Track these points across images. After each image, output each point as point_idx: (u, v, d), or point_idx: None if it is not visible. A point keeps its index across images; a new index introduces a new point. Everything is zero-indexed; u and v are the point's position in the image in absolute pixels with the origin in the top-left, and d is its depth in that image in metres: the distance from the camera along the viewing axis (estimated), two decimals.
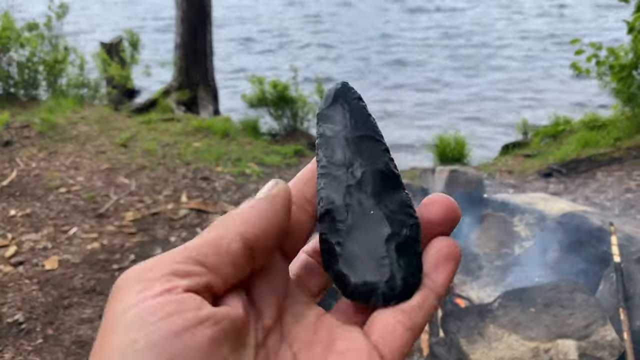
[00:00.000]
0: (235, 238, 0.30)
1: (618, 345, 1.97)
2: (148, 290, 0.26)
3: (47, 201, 3.89)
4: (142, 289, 0.26)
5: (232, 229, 0.30)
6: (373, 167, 0.35)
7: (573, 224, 2.52)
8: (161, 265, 0.28)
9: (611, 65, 4.54)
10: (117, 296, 0.27)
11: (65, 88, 6.18)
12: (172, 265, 0.28)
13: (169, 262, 0.28)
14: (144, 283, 0.27)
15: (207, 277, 0.28)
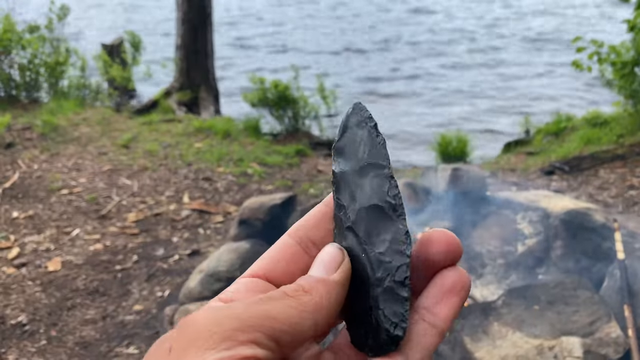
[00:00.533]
0: (312, 326, 0.30)
1: (623, 342, 1.96)
2: (233, 349, 0.26)
3: (50, 203, 3.90)
4: (229, 346, 0.27)
5: (310, 315, 0.30)
6: (369, 202, 0.34)
7: (576, 221, 2.51)
8: (248, 327, 0.28)
9: (613, 62, 4.53)
10: (200, 343, 0.27)
11: (66, 90, 6.19)
12: (257, 333, 0.28)
13: (255, 327, 0.28)
14: (230, 342, 0.27)
15: (275, 355, 0.28)
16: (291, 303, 0.29)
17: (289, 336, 0.29)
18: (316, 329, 0.30)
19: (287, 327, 0.29)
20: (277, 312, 0.29)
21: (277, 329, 0.28)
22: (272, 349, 0.28)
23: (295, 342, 0.29)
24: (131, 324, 2.70)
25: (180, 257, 3.25)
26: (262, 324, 0.28)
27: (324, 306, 0.30)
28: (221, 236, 3.47)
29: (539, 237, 2.61)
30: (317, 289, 0.31)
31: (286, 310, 0.29)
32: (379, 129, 0.36)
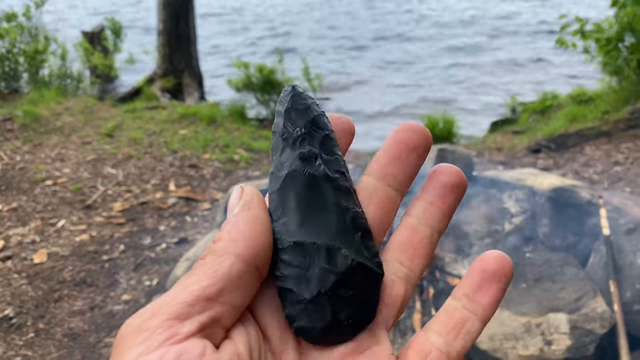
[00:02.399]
0: (233, 261, 0.28)
1: (609, 317, 1.98)
2: (148, 340, 0.25)
3: (34, 194, 3.84)
4: (143, 340, 0.25)
5: (226, 252, 0.28)
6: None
7: (562, 199, 2.52)
8: (161, 309, 0.26)
9: (597, 39, 4.53)
10: (119, 348, 0.25)
11: (47, 79, 6.08)
12: (172, 308, 0.26)
13: (170, 305, 0.26)
14: (144, 333, 0.25)
15: (213, 312, 0.26)
16: (204, 260, 0.28)
17: (214, 287, 0.27)
18: (246, 263, 0.28)
19: (206, 281, 0.27)
20: (192, 276, 0.27)
21: (195, 290, 0.26)
22: (203, 309, 0.26)
23: (228, 287, 0.27)
24: (120, 314, 2.69)
25: (167, 246, 3.23)
26: (177, 297, 0.26)
27: (236, 238, 0.28)
28: (208, 223, 3.45)
29: (526, 215, 2.62)
30: (222, 230, 0.29)
31: (200, 269, 0.27)
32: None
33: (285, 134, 0.34)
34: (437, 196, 0.33)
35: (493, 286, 0.31)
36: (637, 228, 2.24)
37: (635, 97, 4.49)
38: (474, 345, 1.98)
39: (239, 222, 0.29)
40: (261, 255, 0.28)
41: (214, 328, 0.27)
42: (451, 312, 0.31)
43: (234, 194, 0.30)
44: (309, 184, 0.32)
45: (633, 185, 3.33)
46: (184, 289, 0.27)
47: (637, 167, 3.53)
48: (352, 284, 0.30)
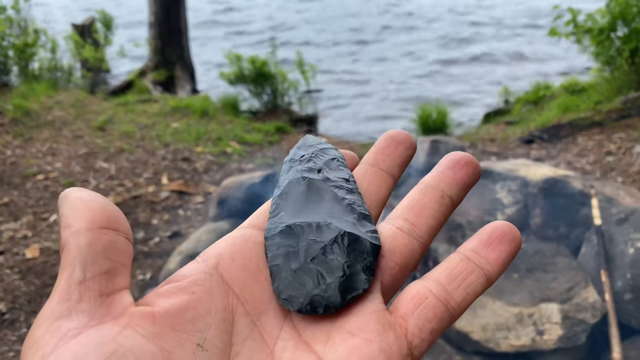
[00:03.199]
0: (73, 240, 0.27)
1: (600, 307, 2.00)
2: (44, 347, 0.24)
3: (25, 189, 3.82)
4: (39, 348, 0.24)
5: (67, 238, 0.27)
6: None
7: (554, 189, 2.53)
8: (44, 317, 0.25)
9: (589, 29, 4.53)
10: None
11: (37, 72, 6.02)
12: (53, 310, 0.25)
13: (49, 310, 0.25)
14: (36, 345, 0.24)
15: (91, 290, 0.25)
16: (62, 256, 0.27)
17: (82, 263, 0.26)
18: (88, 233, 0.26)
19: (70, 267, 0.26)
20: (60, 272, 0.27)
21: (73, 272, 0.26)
22: (78, 297, 0.25)
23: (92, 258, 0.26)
24: None
25: (160, 240, 3.22)
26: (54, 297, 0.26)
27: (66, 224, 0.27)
28: (202, 217, 3.44)
29: (518, 205, 2.63)
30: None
31: (61, 264, 0.27)
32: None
33: (292, 160, 0.36)
34: (447, 167, 0.33)
35: (502, 246, 0.30)
36: (628, 218, 2.25)
37: (627, 87, 4.50)
38: (465, 336, 1.99)
39: (63, 212, 0.28)
40: (97, 217, 0.27)
41: (109, 297, 0.26)
42: (454, 263, 0.30)
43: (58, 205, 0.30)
44: (309, 186, 0.33)
45: (625, 175, 3.35)
46: (55, 290, 0.26)
47: (629, 157, 3.55)
48: (340, 252, 0.29)
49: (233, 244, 0.31)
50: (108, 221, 0.27)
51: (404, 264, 0.31)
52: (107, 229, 0.27)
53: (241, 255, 0.30)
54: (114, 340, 0.24)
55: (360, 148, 4.58)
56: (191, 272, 0.29)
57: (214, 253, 0.30)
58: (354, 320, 0.28)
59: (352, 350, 0.27)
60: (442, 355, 2.03)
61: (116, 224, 0.28)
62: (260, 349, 0.27)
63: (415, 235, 0.31)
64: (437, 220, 0.32)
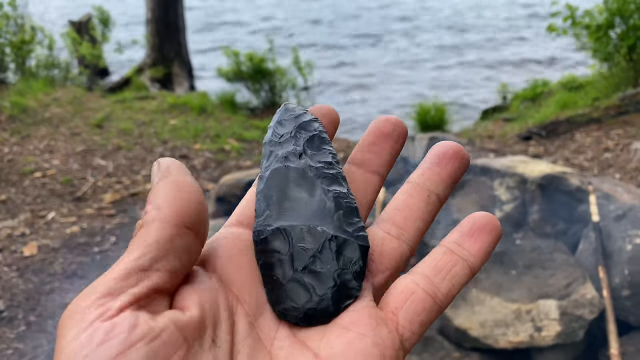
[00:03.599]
0: (159, 226, 0.27)
1: (598, 303, 2.00)
2: (81, 322, 0.24)
3: (23, 186, 3.81)
4: (76, 322, 0.25)
5: (151, 221, 0.27)
6: None
7: (552, 186, 2.53)
8: (94, 289, 0.26)
9: (587, 25, 4.53)
10: (58, 335, 0.25)
11: (34, 70, 6.00)
12: (104, 286, 0.26)
13: (101, 283, 0.26)
14: (77, 315, 0.25)
15: (149, 281, 0.26)
16: (135, 235, 0.28)
17: (146, 256, 0.26)
18: (174, 227, 0.27)
19: (137, 252, 0.26)
20: (125, 252, 0.27)
21: (127, 262, 0.26)
22: (136, 281, 0.26)
23: (159, 253, 0.27)
24: None
25: None
26: (109, 274, 0.26)
27: (157, 206, 0.28)
28: None
29: (516, 202, 2.63)
30: (147, 204, 0.29)
31: (130, 244, 0.27)
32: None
33: (272, 142, 0.35)
34: (433, 163, 0.34)
35: (483, 236, 0.31)
36: (626, 214, 2.25)
37: (625, 84, 4.50)
38: (464, 332, 2.00)
39: (159, 190, 0.28)
40: (189, 215, 0.28)
41: (153, 297, 0.26)
42: (439, 256, 0.31)
43: (152, 169, 0.30)
44: (291, 177, 0.32)
45: (623, 172, 3.35)
46: (116, 265, 0.26)
47: (626, 154, 3.55)
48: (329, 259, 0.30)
49: (224, 245, 0.31)
50: (194, 223, 0.28)
51: (393, 267, 0.31)
52: (190, 229, 0.28)
53: (234, 256, 0.31)
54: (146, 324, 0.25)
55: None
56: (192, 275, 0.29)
57: (208, 256, 0.31)
58: (347, 316, 0.29)
59: (347, 344, 0.28)
60: (441, 351, 2.03)
61: (200, 227, 0.28)
62: (259, 348, 0.28)
63: (403, 238, 0.32)
64: (425, 221, 0.33)
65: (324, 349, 0.28)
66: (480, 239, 0.31)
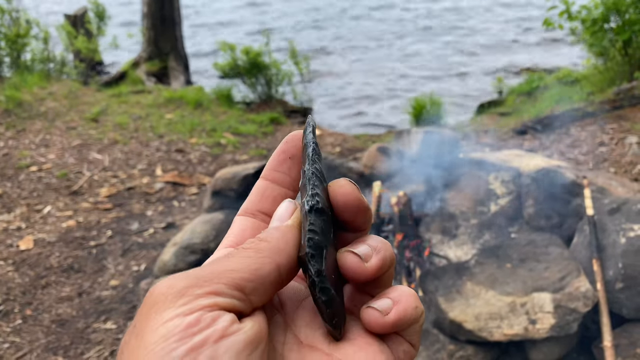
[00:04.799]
0: (273, 267, 0.31)
1: (592, 296, 2.02)
2: (190, 304, 0.28)
3: (18, 181, 3.80)
4: (185, 302, 0.28)
5: (270, 256, 0.31)
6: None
7: (547, 180, 2.54)
8: (205, 282, 0.29)
9: (583, 19, 4.53)
10: (156, 306, 0.28)
11: (29, 63, 5.97)
12: (216, 285, 0.29)
13: (213, 281, 0.29)
14: (185, 297, 0.28)
15: (243, 303, 0.30)
16: (249, 253, 0.31)
17: (252, 283, 0.30)
18: (279, 273, 0.31)
19: (248, 275, 0.30)
20: (236, 263, 0.30)
21: (237, 278, 0.30)
22: (237, 297, 0.29)
23: (260, 288, 0.30)
24: (108, 299, 2.69)
25: (155, 231, 3.22)
26: (220, 276, 0.29)
27: (281, 248, 0.32)
28: (196, 208, 3.44)
29: (511, 196, 2.64)
30: (272, 234, 0.32)
31: (244, 260, 0.31)
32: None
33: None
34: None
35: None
36: (620, 208, 2.27)
37: (620, 78, 4.51)
38: (459, 325, 2.01)
39: (288, 234, 0.33)
40: (290, 268, 0.32)
41: (238, 314, 0.30)
42: None
43: (285, 206, 0.35)
44: None
45: (617, 166, 3.37)
46: (226, 270, 0.30)
47: (621, 148, 3.57)
48: None
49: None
50: (287, 271, 0.32)
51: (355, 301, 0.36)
52: (282, 278, 0.32)
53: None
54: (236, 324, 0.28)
55: (355, 140, 4.58)
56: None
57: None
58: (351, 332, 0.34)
59: (358, 349, 0.32)
60: (436, 344, 2.05)
61: (289, 275, 0.32)
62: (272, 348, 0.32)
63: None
64: None
65: (336, 351, 0.32)
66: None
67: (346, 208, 0.34)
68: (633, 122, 3.88)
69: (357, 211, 0.34)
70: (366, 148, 3.60)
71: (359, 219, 0.35)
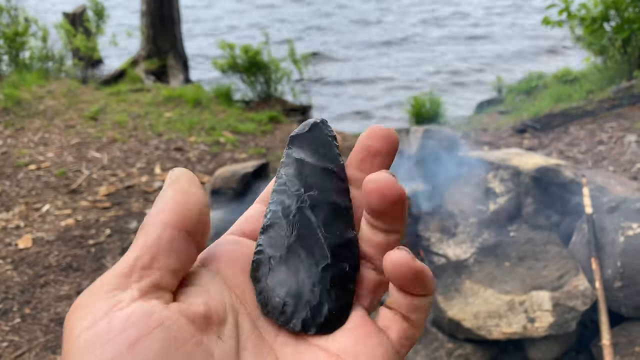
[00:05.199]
0: (161, 228, 0.29)
1: (590, 294, 2.02)
2: (93, 313, 0.26)
3: (17, 179, 3.80)
4: (88, 313, 0.26)
5: (154, 222, 0.29)
6: (330, 199, 0.34)
7: (546, 178, 2.54)
8: (101, 285, 0.28)
9: (582, 18, 4.53)
10: (70, 324, 0.27)
11: (28, 62, 5.96)
12: (111, 280, 0.28)
13: (108, 278, 0.28)
14: (88, 308, 0.27)
15: (151, 278, 0.28)
16: (137, 234, 0.30)
17: (148, 255, 0.28)
18: (175, 229, 0.29)
19: (142, 250, 0.28)
20: (129, 250, 0.29)
21: (135, 257, 0.28)
22: (139, 278, 0.27)
23: (167, 254, 0.28)
24: None
25: None
26: (117, 268, 0.28)
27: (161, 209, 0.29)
28: None
29: (510, 194, 2.64)
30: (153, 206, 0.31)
31: (136, 242, 0.29)
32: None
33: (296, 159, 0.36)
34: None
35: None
36: (619, 206, 2.27)
37: (619, 77, 4.51)
38: (457, 323, 2.01)
39: (165, 195, 0.30)
40: (190, 221, 0.30)
41: (158, 292, 0.28)
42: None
43: (166, 176, 0.32)
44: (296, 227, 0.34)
45: (616, 164, 3.37)
46: (118, 264, 0.28)
47: (620, 147, 3.57)
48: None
49: (228, 250, 0.34)
50: (194, 228, 0.30)
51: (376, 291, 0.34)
52: (190, 234, 0.30)
53: (238, 261, 0.33)
54: (161, 313, 0.27)
55: (353, 138, 4.58)
56: (198, 276, 0.31)
57: (212, 259, 0.33)
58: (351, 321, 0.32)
59: (356, 342, 0.31)
60: (435, 342, 2.05)
61: (200, 233, 0.30)
62: (262, 344, 0.31)
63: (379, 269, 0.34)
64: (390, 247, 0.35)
65: (332, 344, 0.31)
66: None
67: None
68: (632, 120, 3.88)
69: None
70: None
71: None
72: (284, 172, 0.36)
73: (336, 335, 0.31)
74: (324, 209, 0.34)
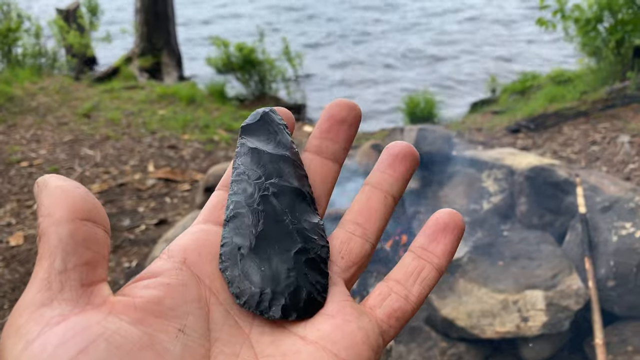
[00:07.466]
0: (53, 230, 0.27)
1: (583, 294, 2.02)
2: (28, 334, 0.25)
3: (9, 176, 3.77)
4: (23, 335, 0.25)
5: (47, 228, 0.28)
6: (292, 185, 0.35)
7: (540, 178, 2.55)
8: (25, 306, 0.26)
9: (576, 19, 4.54)
10: (3, 351, 0.25)
11: (21, 58, 5.92)
12: (34, 300, 0.26)
13: (30, 299, 0.26)
14: (21, 330, 0.25)
15: (73, 279, 0.26)
16: (39, 248, 0.28)
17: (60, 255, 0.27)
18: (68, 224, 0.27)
19: (50, 252, 0.27)
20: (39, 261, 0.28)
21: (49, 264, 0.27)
22: (59, 284, 0.26)
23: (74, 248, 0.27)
24: None
25: (147, 227, 3.20)
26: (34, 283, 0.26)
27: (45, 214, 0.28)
28: (188, 204, 3.42)
29: (504, 194, 2.65)
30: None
31: (40, 253, 0.28)
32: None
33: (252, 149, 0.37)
34: (387, 166, 0.36)
35: (446, 237, 0.33)
36: (612, 206, 2.28)
37: (613, 78, 4.53)
38: (450, 322, 2.01)
39: (42, 200, 0.29)
40: (79, 209, 0.28)
41: (88, 290, 0.27)
42: (407, 263, 0.34)
43: (34, 191, 0.31)
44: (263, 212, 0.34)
45: (609, 164, 3.38)
46: (33, 280, 0.27)
47: (613, 147, 3.58)
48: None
49: (196, 239, 0.33)
50: (89, 213, 0.28)
51: (359, 263, 0.34)
52: (87, 220, 0.28)
53: (206, 249, 0.32)
54: (99, 324, 0.25)
55: None
56: (160, 268, 0.30)
57: (179, 249, 0.32)
58: (330, 306, 0.31)
59: (334, 328, 0.30)
60: (428, 341, 2.05)
61: (96, 216, 0.29)
62: (237, 334, 0.30)
63: (367, 237, 0.35)
64: (384, 220, 0.36)
65: (310, 333, 0.30)
66: (443, 241, 0.33)
67: None
68: (625, 121, 3.90)
69: None
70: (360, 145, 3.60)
71: None
72: (241, 161, 0.36)
73: (315, 321, 0.31)
74: (287, 195, 0.34)
